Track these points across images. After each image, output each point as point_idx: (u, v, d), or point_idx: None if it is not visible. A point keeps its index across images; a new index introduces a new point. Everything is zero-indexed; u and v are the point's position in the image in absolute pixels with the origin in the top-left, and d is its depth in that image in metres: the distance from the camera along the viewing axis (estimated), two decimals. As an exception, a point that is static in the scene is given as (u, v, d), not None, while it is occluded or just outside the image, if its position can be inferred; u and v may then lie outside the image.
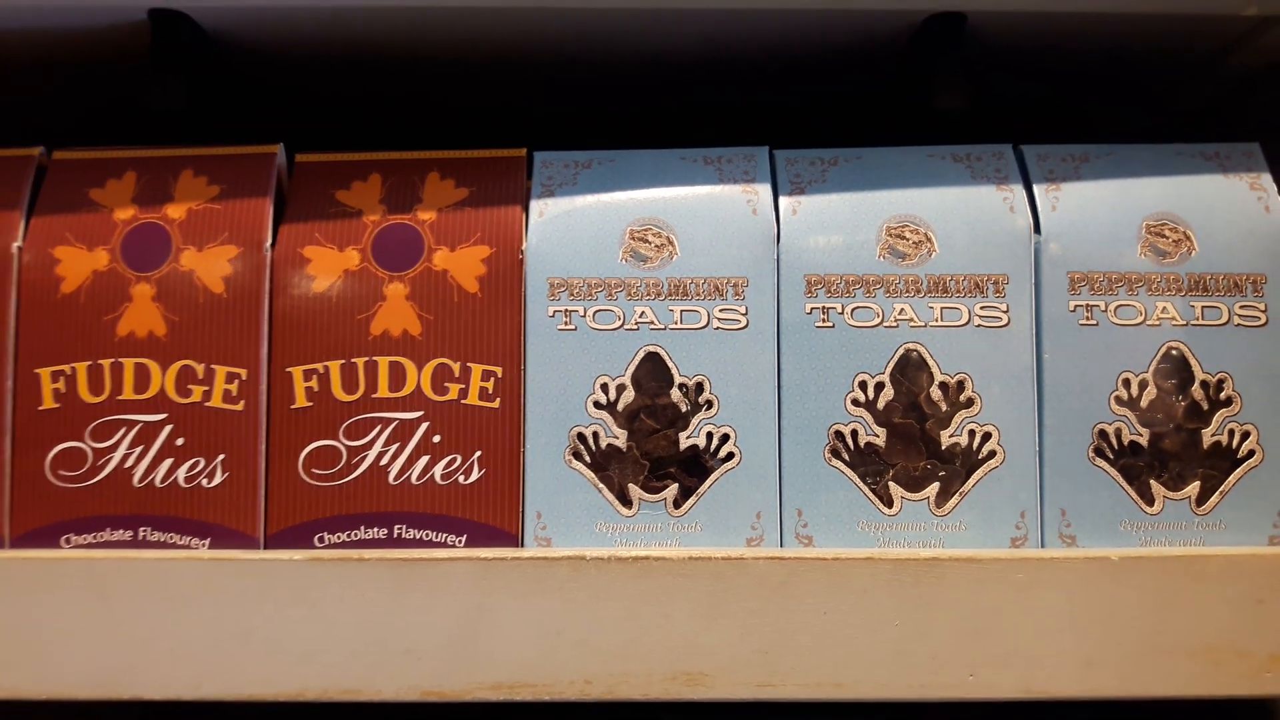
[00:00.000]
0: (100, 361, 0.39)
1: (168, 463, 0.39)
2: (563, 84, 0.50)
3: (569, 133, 0.48)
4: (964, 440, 0.39)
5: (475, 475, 0.39)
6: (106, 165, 0.42)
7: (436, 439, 0.39)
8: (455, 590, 0.36)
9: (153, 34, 0.43)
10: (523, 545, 0.39)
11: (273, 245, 0.40)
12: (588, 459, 0.39)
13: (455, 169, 0.42)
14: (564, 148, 0.43)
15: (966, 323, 0.40)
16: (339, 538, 0.39)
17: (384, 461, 0.39)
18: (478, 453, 0.39)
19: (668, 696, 0.36)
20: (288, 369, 0.40)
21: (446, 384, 0.39)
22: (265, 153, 0.42)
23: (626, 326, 0.40)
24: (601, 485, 0.39)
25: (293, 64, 0.47)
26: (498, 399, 0.39)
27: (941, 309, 0.40)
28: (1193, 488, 0.39)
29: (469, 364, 0.40)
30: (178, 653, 0.36)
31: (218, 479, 0.39)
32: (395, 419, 0.39)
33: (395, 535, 0.39)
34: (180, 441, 0.39)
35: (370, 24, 0.44)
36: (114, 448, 0.39)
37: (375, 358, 0.40)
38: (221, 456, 0.39)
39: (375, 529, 0.39)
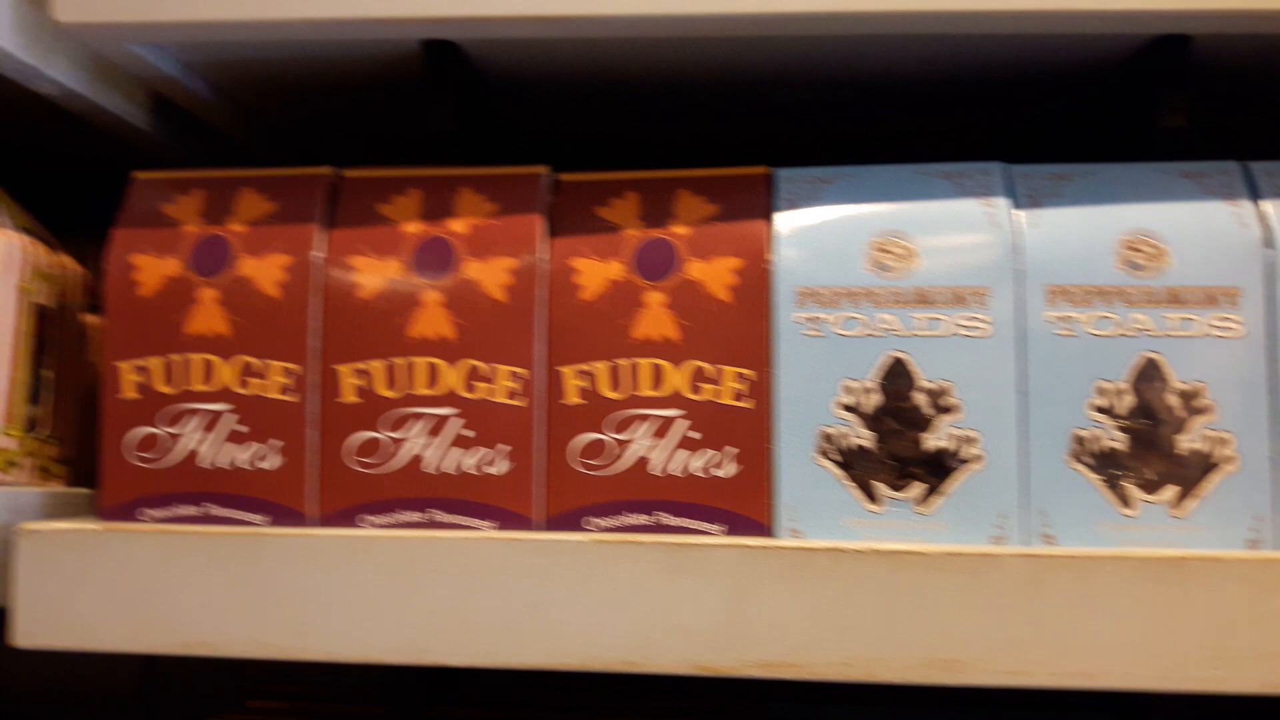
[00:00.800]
0: (395, 360, 0.44)
1: (456, 452, 0.43)
2: (790, 107, 0.53)
3: (791, 153, 0.51)
4: (1201, 446, 0.41)
5: (731, 469, 0.42)
6: (392, 183, 0.46)
7: (695, 435, 0.42)
8: (723, 574, 0.39)
9: (426, 63, 0.47)
10: (773, 536, 0.42)
11: (544, 257, 0.44)
12: (835, 457, 0.42)
13: (704, 186, 0.45)
14: (792, 166, 0.46)
15: (1202, 333, 0.41)
16: (606, 522, 0.43)
17: (646, 453, 0.43)
18: (733, 449, 0.42)
19: (923, 681, 0.38)
20: (559, 368, 0.43)
21: (702, 384, 0.43)
22: (534, 173, 0.46)
23: (871, 333, 0.42)
24: (849, 483, 0.42)
25: (542, 89, 0.51)
26: (749, 399, 0.42)
27: (1178, 319, 0.42)
28: None
29: (722, 366, 0.43)
30: (472, 624, 0.40)
31: (502, 467, 0.43)
32: (656, 415, 0.43)
33: (658, 522, 0.42)
34: (468, 433, 0.43)
35: (619, 54, 0.48)
36: (407, 438, 0.43)
37: (637, 359, 0.43)
38: (505, 447, 0.43)
39: (639, 515, 0.43)
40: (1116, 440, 0.41)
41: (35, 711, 0.78)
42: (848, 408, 0.42)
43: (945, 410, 0.42)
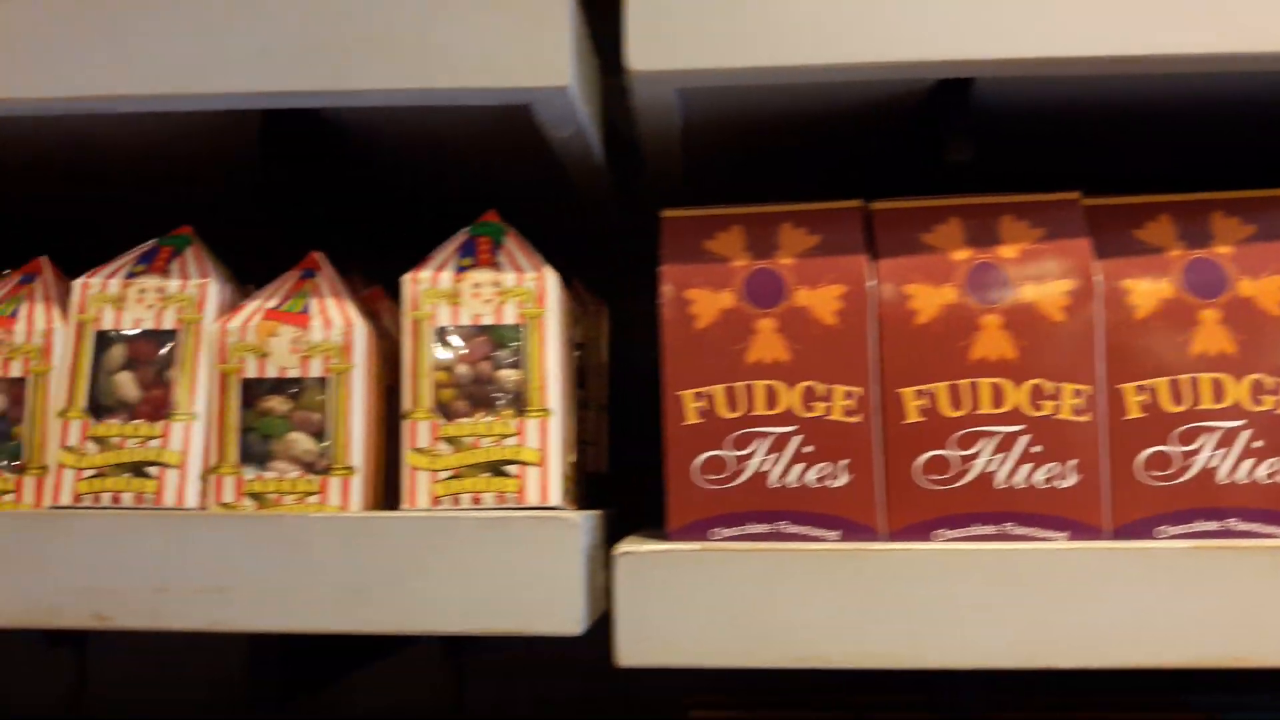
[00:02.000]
0: (957, 382, 0.46)
1: (1026, 467, 0.46)
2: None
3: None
4: None
5: None
6: (931, 213, 0.49)
7: (1259, 444, 0.45)
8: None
9: (938, 98, 0.50)
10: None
11: (1099, 279, 0.46)
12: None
13: (1238, 208, 0.47)
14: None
15: None
16: (1177, 530, 0.45)
17: (1212, 463, 0.45)
18: (1298, 456, 0.45)
19: None
20: (1119, 386, 0.46)
21: (1263, 396, 0.45)
22: (1072, 198, 0.48)
23: None
24: None
25: (1034, 117, 0.53)
26: (1310, 410, 0.45)
27: None
28: None
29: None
30: (1087, 629, 0.43)
31: (1071, 480, 0.46)
32: (1218, 427, 0.45)
33: (1227, 528, 0.45)
34: (1036, 449, 0.46)
35: (1109, 85, 0.50)
36: (977, 455, 0.46)
37: (1198, 374, 0.46)
38: (1073, 461, 0.45)
39: (1209, 522, 0.45)
40: None
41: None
42: None
43: None
